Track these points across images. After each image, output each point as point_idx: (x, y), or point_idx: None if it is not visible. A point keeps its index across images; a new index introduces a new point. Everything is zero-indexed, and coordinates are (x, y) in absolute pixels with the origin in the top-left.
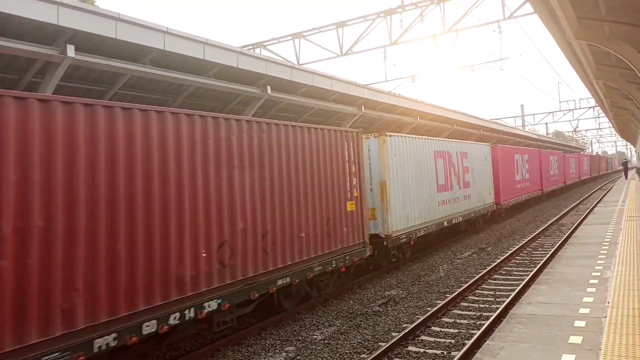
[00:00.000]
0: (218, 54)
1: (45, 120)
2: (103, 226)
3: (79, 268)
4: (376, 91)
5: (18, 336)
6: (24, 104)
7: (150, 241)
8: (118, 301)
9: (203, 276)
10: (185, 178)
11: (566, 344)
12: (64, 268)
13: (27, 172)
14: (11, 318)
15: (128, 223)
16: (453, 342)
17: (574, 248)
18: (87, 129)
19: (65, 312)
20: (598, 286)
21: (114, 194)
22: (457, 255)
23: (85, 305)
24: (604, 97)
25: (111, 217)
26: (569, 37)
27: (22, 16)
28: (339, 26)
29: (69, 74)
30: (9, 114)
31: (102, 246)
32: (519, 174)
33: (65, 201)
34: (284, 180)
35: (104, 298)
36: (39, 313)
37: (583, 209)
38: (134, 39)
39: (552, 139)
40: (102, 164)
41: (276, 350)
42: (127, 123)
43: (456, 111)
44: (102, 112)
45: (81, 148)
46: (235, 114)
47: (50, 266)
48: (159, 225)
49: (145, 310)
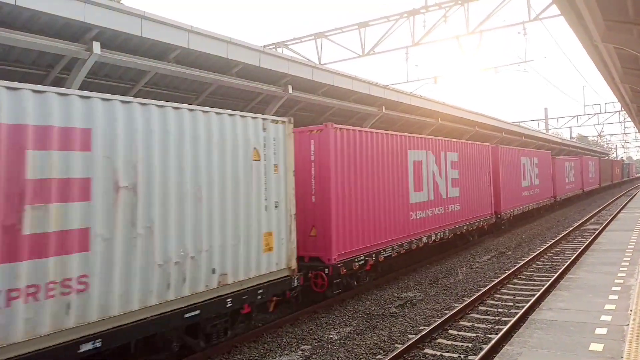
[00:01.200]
0: (241, 53)
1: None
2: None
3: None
4: (397, 92)
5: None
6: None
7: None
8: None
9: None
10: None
11: (587, 351)
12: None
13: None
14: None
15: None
16: (470, 346)
17: (596, 254)
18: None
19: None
20: (620, 293)
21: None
22: (476, 258)
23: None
24: (630, 101)
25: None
26: (596, 40)
27: (50, 13)
28: (361, 26)
29: (94, 71)
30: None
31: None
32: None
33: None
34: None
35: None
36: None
37: (606, 215)
38: (159, 37)
39: (576, 143)
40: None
41: (292, 348)
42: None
43: (478, 113)
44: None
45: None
46: (256, 112)
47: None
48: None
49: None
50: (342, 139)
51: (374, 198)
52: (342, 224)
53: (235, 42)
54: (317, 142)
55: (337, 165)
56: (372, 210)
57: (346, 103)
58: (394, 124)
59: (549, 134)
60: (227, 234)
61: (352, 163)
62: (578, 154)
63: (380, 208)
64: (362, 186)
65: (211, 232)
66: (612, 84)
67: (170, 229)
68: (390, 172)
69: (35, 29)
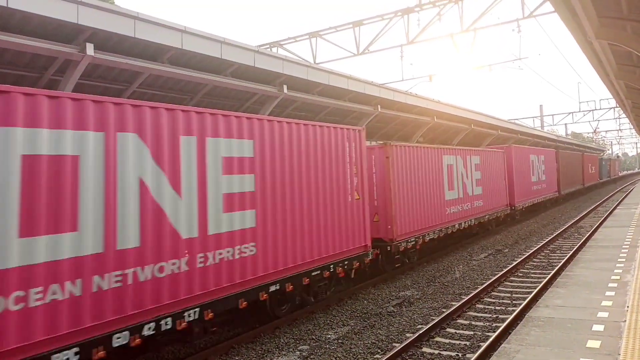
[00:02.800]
0: (235, 53)
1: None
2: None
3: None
4: (393, 91)
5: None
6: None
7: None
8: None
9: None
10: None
11: (584, 348)
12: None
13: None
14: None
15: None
16: (468, 344)
17: (593, 251)
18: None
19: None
20: (617, 290)
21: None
22: (474, 256)
23: None
24: (625, 97)
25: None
26: (590, 37)
27: (42, 15)
28: (355, 25)
29: (88, 72)
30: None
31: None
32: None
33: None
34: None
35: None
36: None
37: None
38: (152, 38)
39: (571, 140)
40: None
41: (290, 348)
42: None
43: (473, 111)
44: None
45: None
46: (251, 112)
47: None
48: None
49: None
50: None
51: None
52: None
53: (230, 43)
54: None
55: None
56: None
57: (341, 102)
58: (390, 122)
59: (544, 131)
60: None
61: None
62: (573, 150)
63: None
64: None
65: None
66: (606, 80)
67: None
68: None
69: (27, 31)
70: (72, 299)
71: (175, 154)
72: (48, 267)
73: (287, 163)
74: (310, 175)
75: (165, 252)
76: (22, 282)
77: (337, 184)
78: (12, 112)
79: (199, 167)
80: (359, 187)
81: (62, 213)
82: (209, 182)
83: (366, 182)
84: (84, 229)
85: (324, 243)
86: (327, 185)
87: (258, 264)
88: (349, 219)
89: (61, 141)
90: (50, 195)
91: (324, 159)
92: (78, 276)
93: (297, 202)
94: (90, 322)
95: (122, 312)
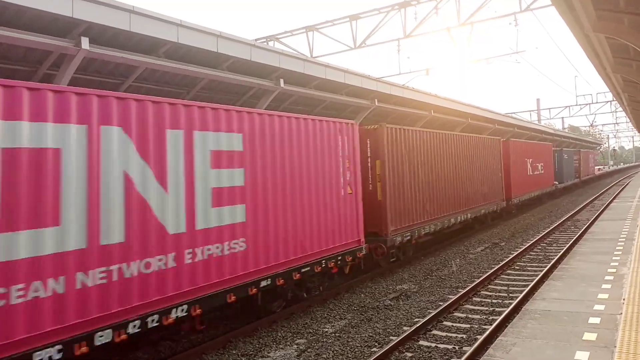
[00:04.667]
0: (231, 47)
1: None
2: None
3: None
4: (390, 84)
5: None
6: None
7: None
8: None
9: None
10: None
11: (580, 340)
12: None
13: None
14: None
15: None
16: (465, 337)
17: (590, 244)
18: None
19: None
20: (613, 283)
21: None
22: (470, 250)
23: None
24: (621, 91)
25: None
26: (587, 30)
27: (37, 8)
28: (352, 19)
29: (83, 67)
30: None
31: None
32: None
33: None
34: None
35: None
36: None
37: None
38: (148, 32)
39: (568, 134)
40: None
41: (287, 342)
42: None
43: (470, 105)
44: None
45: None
46: (248, 106)
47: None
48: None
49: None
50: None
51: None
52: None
53: (226, 36)
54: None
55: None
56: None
57: (338, 96)
58: (387, 116)
59: (541, 125)
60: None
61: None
62: (570, 144)
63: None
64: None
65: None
66: (603, 73)
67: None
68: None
69: (22, 25)
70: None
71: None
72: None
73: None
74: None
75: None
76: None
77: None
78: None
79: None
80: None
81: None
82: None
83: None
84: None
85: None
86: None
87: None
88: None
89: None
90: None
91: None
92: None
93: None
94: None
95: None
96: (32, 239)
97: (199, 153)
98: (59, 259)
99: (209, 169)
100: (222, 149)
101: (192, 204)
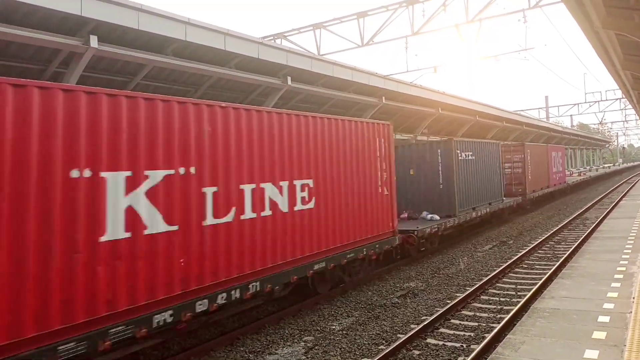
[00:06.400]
0: (239, 45)
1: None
2: None
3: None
4: (397, 82)
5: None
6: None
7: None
8: None
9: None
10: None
11: (589, 339)
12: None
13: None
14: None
15: None
16: (473, 335)
17: (599, 242)
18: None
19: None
20: (623, 281)
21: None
22: (478, 248)
23: None
24: (631, 88)
25: None
26: (597, 27)
27: (47, 7)
28: (360, 16)
29: (92, 65)
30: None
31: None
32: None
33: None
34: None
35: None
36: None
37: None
38: (156, 30)
39: (576, 131)
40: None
41: (295, 339)
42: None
43: (478, 102)
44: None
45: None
46: (255, 104)
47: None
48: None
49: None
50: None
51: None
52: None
53: (234, 34)
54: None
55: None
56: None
57: (346, 94)
58: (394, 114)
59: (549, 123)
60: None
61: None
62: (579, 142)
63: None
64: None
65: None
66: (613, 71)
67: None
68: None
69: (32, 24)
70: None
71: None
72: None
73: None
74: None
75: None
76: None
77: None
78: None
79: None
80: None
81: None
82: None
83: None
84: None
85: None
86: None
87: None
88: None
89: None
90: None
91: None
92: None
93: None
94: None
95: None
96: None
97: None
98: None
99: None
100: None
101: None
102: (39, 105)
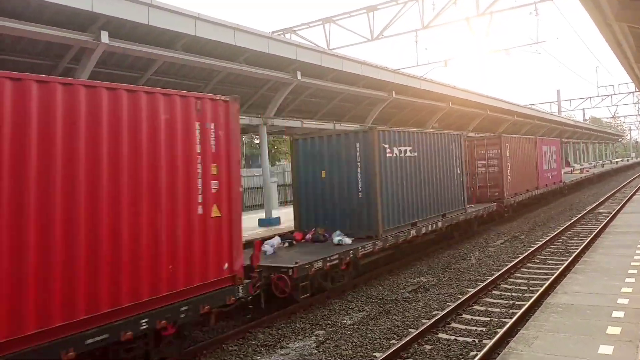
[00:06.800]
0: (249, 40)
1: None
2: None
3: None
4: (407, 76)
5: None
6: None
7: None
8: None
9: None
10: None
11: (604, 334)
12: None
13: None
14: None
15: None
16: (485, 330)
17: (612, 237)
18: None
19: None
20: (637, 276)
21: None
22: (489, 243)
23: None
24: None
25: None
26: (609, 19)
27: (58, 3)
28: (369, 10)
29: (103, 60)
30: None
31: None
32: None
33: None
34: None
35: None
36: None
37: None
38: (166, 25)
39: (589, 125)
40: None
41: (306, 333)
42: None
43: (489, 96)
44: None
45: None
46: (265, 99)
47: None
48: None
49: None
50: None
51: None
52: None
53: (243, 29)
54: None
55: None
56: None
57: (355, 88)
58: (404, 108)
59: (560, 117)
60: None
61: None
62: (591, 136)
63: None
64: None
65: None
66: (626, 64)
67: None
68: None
69: (43, 20)
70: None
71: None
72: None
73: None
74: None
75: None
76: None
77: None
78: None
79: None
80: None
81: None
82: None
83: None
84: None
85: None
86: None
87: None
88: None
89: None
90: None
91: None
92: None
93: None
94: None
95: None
96: None
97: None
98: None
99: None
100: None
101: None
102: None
